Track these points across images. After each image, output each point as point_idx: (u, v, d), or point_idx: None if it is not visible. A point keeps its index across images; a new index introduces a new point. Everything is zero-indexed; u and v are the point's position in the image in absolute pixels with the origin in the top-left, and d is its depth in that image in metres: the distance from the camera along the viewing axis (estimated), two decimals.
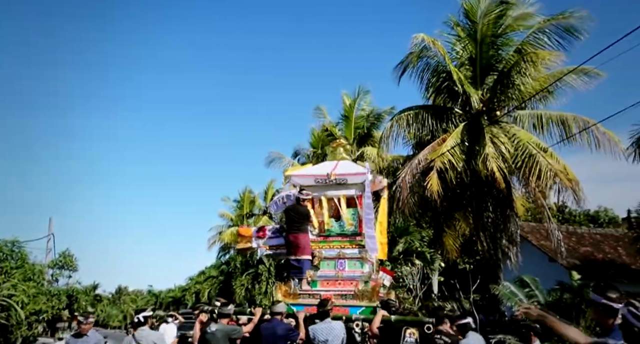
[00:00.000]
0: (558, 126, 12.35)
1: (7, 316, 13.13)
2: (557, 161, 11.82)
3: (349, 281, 7.18)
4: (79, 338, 6.36)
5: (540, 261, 14.62)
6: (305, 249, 7.23)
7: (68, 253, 20.33)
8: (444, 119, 13.58)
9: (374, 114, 20.81)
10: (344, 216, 7.69)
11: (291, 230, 7.33)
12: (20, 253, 15.70)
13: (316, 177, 7.79)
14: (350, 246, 7.45)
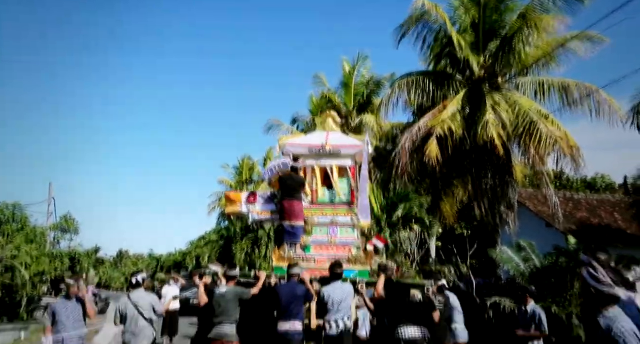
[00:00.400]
0: (560, 92, 12.24)
1: (11, 276, 13.38)
2: (558, 127, 11.78)
3: (342, 246, 7.57)
4: (68, 301, 6.14)
5: (537, 226, 14.81)
6: (300, 215, 7.48)
7: (69, 216, 20.53)
8: (444, 85, 13.43)
9: (373, 81, 20.51)
10: (336, 185, 7.97)
11: (287, 197, 7.48)
12: (22, 216, 15.84)
13: (310, 146, 8.03)
14: (342, 214, 7.80)
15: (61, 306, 6.04)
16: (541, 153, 12.06)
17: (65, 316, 5.93)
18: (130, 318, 5.89)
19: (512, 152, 13.08)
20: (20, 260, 13.62)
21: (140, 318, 5.91)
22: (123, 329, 5.98)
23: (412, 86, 13.22)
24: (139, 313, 5.91)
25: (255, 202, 7.86)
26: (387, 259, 12.03)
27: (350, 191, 8.02)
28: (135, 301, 5.96)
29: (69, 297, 6.14)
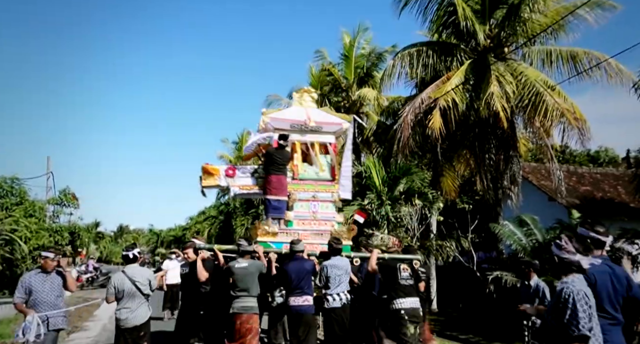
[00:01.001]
0: (568, 62, 11.87)
1: (11, 250, 13.36)
2: (565, 99, 11.50)
3: (324, 222, 7.75)
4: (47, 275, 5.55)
5: (540, 200, 14.70)
6: (285, 190, 7.50)
7: (68, 191, 20.40)
8: (448, 56, 13.05)
9: (374, 53, 19.98)
10: (317, 161, 8.04)
11: (275, 172, 7.43)
12: (20, 190, 15.71)
13: (293, 122, 8.00)
14: (323, 190, 7.92)
15: (39, 281, 5.42)
16: (547, 126, 11.82)
17: (45, 293, 5.40)
18: (128, 294, 5.53)
19: (517, 125, 12.84)
20: (20, 234, 13.58)
21: (138, 293, 5.58)
22: (118, 306, 5.60)
23: (415, 57, 12.83)
24: (137, 288, 5.57)
25: (234, 177, 7.71)
26: (389, 234, 12.01)
27: (331, 167, 8.16)
28: (132, 276, 5.61)
29: (47, 271, 5.51)
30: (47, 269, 5.52)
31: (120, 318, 5.52)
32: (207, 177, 7.71)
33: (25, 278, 5.45)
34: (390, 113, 18.90)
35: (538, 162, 18.19)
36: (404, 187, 12.06)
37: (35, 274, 5.51)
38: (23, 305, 5.36)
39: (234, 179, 7.69)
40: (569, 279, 2.76)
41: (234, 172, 7.73)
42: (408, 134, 12.08)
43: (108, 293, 5.64)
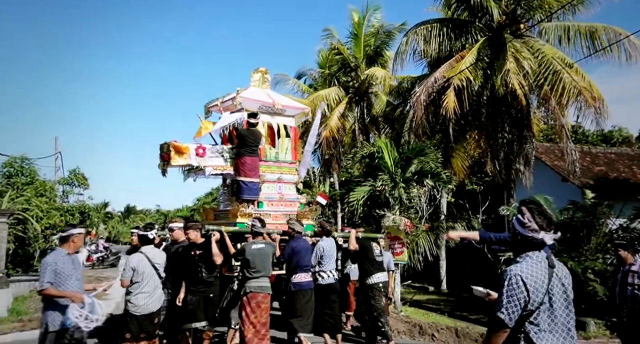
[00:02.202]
0: (586, 38, 11.54)
1: (24, 229, 13.46)
2: (583, 77, 11.23)
3: (289, 203, 8.01)
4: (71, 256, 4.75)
5: (553, 181, 14.52)
6: (258, 172, 7.51)
7: (78, 171, 20.46)
8: (462, 33, 12.73)
9: (383, 31, 19.55)
10: (281, 144, 8.22)
11: (248, 153, 7.39)
12: (30, 169, 15.75)
13: (262, 103, 8.02)
14: (286, 172, 8.13)
15: (67, 262, 4.58)
16: (562, 105, 11.59)
17: (76, 277, 4.64)
18: (146, 277, 5.15)
19: (531, 104, 12.60)
20: (32, 213, 13.65)
21: (156, 276, 5.26)
22: (134, 291, 5.14)
23: (428, 34, 12.54)
24: (156, 271, 5.24)
25: (205, 156, 7.46)
26: (400, 215, 11.95)
27: (292, 150, 8.37)
28: (152, 257, 5.26)
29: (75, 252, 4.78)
30: (77, 248, 4.82)
31: (137, 303, 5.10)
32: (177, 156, 7.34)
33: (50, 259, 4.54)
34: (400, 93, 18.66)
35: (550, 143, 17.95)
36: (416, 168, 11.92)
37: (62, 255, 4.64)
38: (59, 289, 4.46)
39: (205, 159, 7.45)
40: (521, 259, 2.53)
41: (204, 152, 7.46)
42: (421, 114, 11.90)
43: (125, 275, 5.15)
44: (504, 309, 2.42)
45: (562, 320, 2.49)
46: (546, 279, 2.47)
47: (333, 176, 22.66)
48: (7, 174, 15.21)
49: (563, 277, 2.55)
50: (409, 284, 15.28)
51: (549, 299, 2.47)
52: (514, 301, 2.42)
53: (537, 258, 2.54)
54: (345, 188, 15.25)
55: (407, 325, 9.26)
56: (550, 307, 2.47)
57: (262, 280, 5.90)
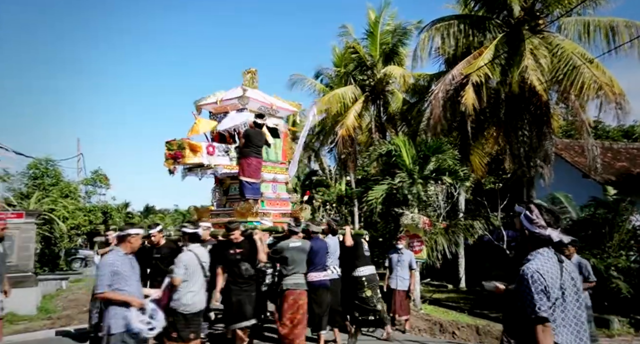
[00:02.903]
0: (607, 33, 11.37)
1: (50, 229, 13.82)
2: (603, 72, 11.07)
3: (283, 202, 8.22)
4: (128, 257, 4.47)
5: (574, 177, 14.34)
6: (260, 173, 7.63)
7: (100, 172, 20.92)
8: (480, 29, 12.65)
9: (400, 29, 19.50)
10: (274, 145, 8.28)
11: (255, 154, 7.47)
12: (55, 171, 16.14)
13: (262, 104, 8.08)
14: (280, 172, 8.30)
15: (125, 263, 4.32)
16: (582, 101, 11.45)
17: (135, 279, 4.39)
18: (195, 275, 5.07)
19: (550, 100, 12.46)
20: (58, 214, 14.01)
21: (202, 275, 5.17)
22: (182, 290, 4.98)
23: (446, 31, 12.49)
24: (203, 269, 5.17)
25: (214, 155, 7.45)
26: (419, 213, 11.94)
27: (282, 150, 8.51)
28: (200, 256, 5.17)
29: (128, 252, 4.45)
30: (134, 249, 4.52)
31: (187, 302, 4.97)
32: (192, 154, 7.21)
33: (108, 260, 4.29)
34: (416, 90, 18.59)
35: (570, 139, 17.72)
36: (434, 165, 11.90)
37: (120, 255, 4.36)
38: (119, 291, 4.21)
39: (214, 157, 7.44)
40: (534, 256, 2.57)
41: (214, 151, 7.45)
42: (439, 112, 11.87)
43: (178, 272, 4.94)
44: (540, 306, 2.44)
45: (574, 314, 2.52)
46: (558, 274, 2.51)
47: (349, 175, 22.70)
48: (33, 175, 15.64)
49: (572, 271, 2.60)
50: (428, 282, 15.27)
51: (562, 294, 2.50)
52: (544, 297, 2.45)
53: (547, 254, 2.58)
54: (363, 187, 15.29)
55: (428, 323, 9.28)
56: (563, 302, 2.50)
57: (299, 277, 6.04)
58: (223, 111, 8.03)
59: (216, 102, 7.96)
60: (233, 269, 5.83)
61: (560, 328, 2.49)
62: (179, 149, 7.16)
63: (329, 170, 30.30)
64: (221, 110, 8.02)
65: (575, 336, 2.51)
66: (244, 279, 5.82)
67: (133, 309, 4.18)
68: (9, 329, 8.07)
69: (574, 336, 2.50)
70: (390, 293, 8.51)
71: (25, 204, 13.15)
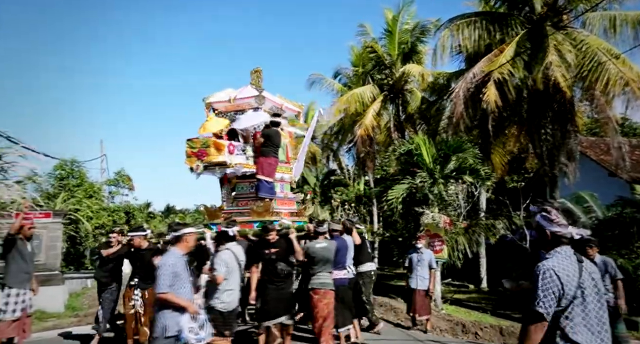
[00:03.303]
0: (634, 28, 11.09)
1: (75, 228, 14.15)
2: (630, 68, 10.80)
3: (290, 201, 8.27)
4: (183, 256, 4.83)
5: (599, 176, 14.00)
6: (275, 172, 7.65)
7: (122, 173, 21.35)
8: (502, 26, 12.44)
9: (419, 27, 19.34)
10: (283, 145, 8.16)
11: (274, 153, 7.50)
12: (80, 172, 16.55)
13: (275, 104, 8.03)
14: (286, 172, 8.27)
15: (183, 265, 4.28)
16: (608, 97, 11.18)
17: (188, 283, 4.32)
18: (234, 273, 5.10)
19: (574, 97, 12.20)
20: (83, 214, 14.34)
21: (239, 274, 5.20)
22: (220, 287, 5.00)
23: (466, 29, 12.34)
24: (240, 268, 5.19)
25: (233, 153, 7.38)
26: (439, 213, 11.83)
27: (286, 150, 8.46)
28: (238, 255, 5.19)
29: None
30: (190, 248, 4.51)
31: (225, 300, 5.03)
32: (216, 152, 7.09)
33: (170, 261, 4.18)
34: (435, 89, 18.42)
35: (595, 136, 17.31)
36: (455, 164, 11.78)
37: (179, 257, 4.27)
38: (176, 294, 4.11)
39: (233, 156, 7.37)
40: (553, 254, 2.60)
41: (234, 149, 7.39)
42: (460, 110, 11.74)
43: (220, 271, 4.94)
44: (541, 303, 2.45)
45: (595, 314, 2.51)
46: (577, 273, 2.51)
47: (368, 174, 22.63)
48: (59, 176, 16.04)
49: (593, 272, 2.59)
50: (449, 282, 15.12)
51: (582, 293, 2.50)
52: (550, 295, 2.46)
53: (565, 253, 2.60)
54: (382, 186, 15.22)
55: (449, 323, 9.19)
56: (583, 301, 2.49)
57: (325, 276, 6.14)
58: (235, 109, 7.88)
59: (229, 100, 7.78)
60: (269, 268, 5.93)
61: (580, 327, 2.48)
62: (203, 147, 7.10)
63: (347, 170, 30.25)
64: (233, 108, 7.88)
65: (596, 336, 2.50)
66: (280, 278, 5.93)
67: (186, 316, 4.09)
68: (38, 326, 8.28)
69: (594, 337, 2.49)
70: (410, 293, 8.48)
71: (52, 204, 13.50)
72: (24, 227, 6.24)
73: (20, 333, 6.13)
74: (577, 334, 2.48)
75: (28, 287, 6.18)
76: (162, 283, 4.05)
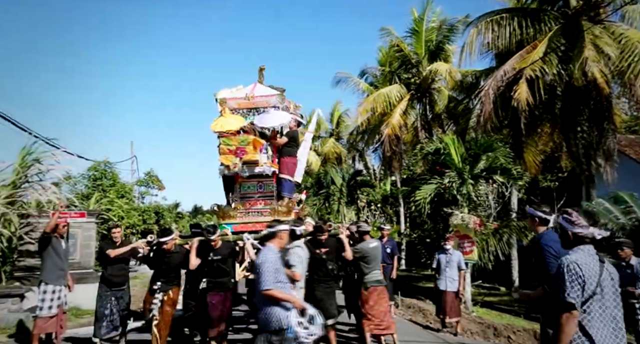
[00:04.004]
0: None
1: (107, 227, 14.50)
2: None
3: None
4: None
5: (639, 175, 13.44)
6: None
7: (152, 173, 21.87)
8: (534, 22, 12.09)
9: (446, 25, 19.05)
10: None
11: (296, 153, 7.48)
12: (112, 173, 17.02)
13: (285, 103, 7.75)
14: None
15: (279, 262, 4.36)
16: None
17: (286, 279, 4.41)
18: (302, 272, 5.32)
19: (612, 93, 11.74)
20: (114, 213, 14.72)
21: (305, 271, 5.46)
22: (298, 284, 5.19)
23: (496, 25, 12.04)
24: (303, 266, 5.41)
25: (260, 152, 7.34)
26: (469, 213, 11.58)
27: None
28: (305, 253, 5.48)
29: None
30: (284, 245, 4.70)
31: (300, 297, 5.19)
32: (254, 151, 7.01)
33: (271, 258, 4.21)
34: (464, 87, 18.10)
35: (635, 135, 16.65)
36: (485, 164, 11.51)
37: (276, 253, 4.33)
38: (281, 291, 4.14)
39: (260, 154, 7.30)
40: (573, 251, 2.83)
41: (262, 148, 7.36)
42: (490, 108, 11.47)
43: (298, 268, 5.10)
44: (571, 293, 2.66)
45: (611, 312, 2.72)
46: (598, 270, 2.72)
47: (395, 175, 22.43)
48: (92, 177, 16.54)
49: (612, 273, 2.80)
50: (479, 285, 14.80)
51: (601, 290, 2.71)
52: (577, 285, 2.67)
53: (588, 250, 2.82)
54: (410, 186, 15.02)
55: (480, 326, 8.98)
56: (602, 298, 2.71)
57: (378, 274, 6.38)
58: (251, 107, 7.56)
59: (245, 97, 7.46)
60: (320, 268, 5.98)
61: (596, 322, 2.68)
62: (242, 144, 6.89)
63: (374, 170, 30.10)
64: (248, 106, 7.54)
65: (611, 332, 2.70)
66: (330, 278, 6.05)
67: (294, 311, 4.06)
68: (74, 322, 8.52)
69: (609, 333, 2.69)
70: (439, 295, 8.35)
71: (86, 204, 13.90)
72: (59, 225, 6.42)
73: (58, 328, 6.32)
74: (591, 328, 2.69)
75: (63, 284, 6.35)
76: (267, 280, 4.00)
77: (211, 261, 6.07)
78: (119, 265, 6.64)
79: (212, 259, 6.06)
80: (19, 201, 9.49)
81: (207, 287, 6.08)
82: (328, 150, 30.55)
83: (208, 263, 6.09)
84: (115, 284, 6.59)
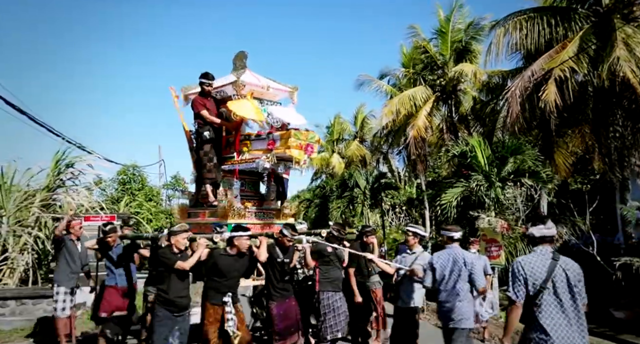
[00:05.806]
0: None
1: (135, 230, 14.87)
2: None
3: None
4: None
5: None
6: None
7: (178, 177, 22.35)
8: (564, 22, 11.78)
9: (473, 26, 18.75)
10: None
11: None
12: (140, 176, 17.48)
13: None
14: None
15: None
16: None
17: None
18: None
19: None
20: (142, 216, 15.08)
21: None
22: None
23: (524, 25, 11.79)
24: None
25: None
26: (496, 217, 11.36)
27: None
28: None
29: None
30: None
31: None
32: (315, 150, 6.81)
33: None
34: (490, 88, 17.79)
35: None
36: (513, 166, 11.29)
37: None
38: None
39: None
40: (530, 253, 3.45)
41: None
42: (517, 110, 11.24)
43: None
44: (511, 288, 3.26)
45: (567, 304, 3.12)
46: (546, 268, 3.17)
47: (420, 177, 22.17)
48: (122, 181, 17.00)
49: (568, 269, 3.21)
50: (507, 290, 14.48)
51: (553, 285, 3.15)
52: (517, 281, 3.22)
53: (540, 251, 3.34)
54: (436, 189, 14.85)
55: None
56: (554, 291, 3.13)
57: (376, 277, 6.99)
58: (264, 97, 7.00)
59: (264, 87, 6.78)
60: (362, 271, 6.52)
61: (548, 313, 3.12)
62: (310, 141, 6.19)
63: (398, 172, 29.83)
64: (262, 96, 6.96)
65: (566, 323, 3.09)
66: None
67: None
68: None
69: (564, 323, 3.09)
70: None
71: (116, 207, 14.28)
72: (74, 227, 6.54)
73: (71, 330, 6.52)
74: (542, 319, 3.13)
75: (75, 285, 6.51)
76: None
77: (281, 263, 5.39)
78: (185, 281, 5.17)
79: (282, 261, 5.39)
80: (53, 204, 9.82)
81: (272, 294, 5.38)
82: (352, 152, 30.47)
83: (275, 265, 5.37)
84: (181, 307, 5.10)
